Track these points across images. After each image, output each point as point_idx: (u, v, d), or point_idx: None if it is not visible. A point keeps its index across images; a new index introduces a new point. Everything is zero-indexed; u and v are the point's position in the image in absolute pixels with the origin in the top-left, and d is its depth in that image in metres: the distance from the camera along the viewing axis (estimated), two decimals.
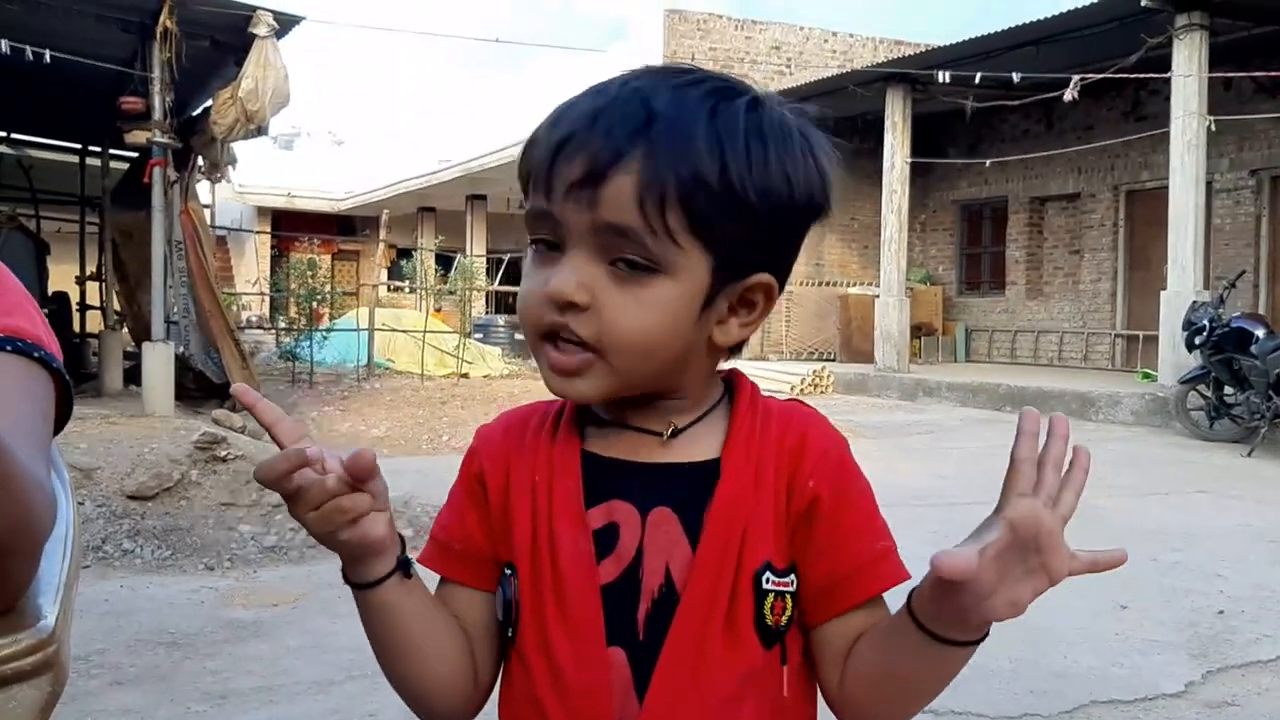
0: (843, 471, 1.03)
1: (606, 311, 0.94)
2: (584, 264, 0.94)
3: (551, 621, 0.99)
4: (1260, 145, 15.10)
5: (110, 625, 4.28)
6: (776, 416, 1.05)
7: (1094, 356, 17.71)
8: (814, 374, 15.62)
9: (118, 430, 7.41)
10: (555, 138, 0.95)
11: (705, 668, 0.97)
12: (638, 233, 0.92)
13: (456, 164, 26.90)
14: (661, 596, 0.99)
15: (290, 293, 15.85)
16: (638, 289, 0.94)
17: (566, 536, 1.00)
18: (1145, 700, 3.66)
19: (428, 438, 10.18)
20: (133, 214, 11.37)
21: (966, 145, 19.15)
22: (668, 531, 1.00)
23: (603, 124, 0.93)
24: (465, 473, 1.09)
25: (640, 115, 0.93)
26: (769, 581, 0.99)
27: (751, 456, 1.01)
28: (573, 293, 0.93)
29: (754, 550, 0.99)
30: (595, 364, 0.95)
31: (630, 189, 0.91)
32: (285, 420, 0.94)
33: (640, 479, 1.02)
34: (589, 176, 0.92)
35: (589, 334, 0.94)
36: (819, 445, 1.03)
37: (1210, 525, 6.58)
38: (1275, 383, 9.46)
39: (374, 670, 1.08)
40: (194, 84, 10.64)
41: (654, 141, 0.91)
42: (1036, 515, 0.82)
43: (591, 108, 0.95)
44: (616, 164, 0.91)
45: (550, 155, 0.94)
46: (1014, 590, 0.83)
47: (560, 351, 0.96)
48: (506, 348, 19.19)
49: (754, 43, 20.83)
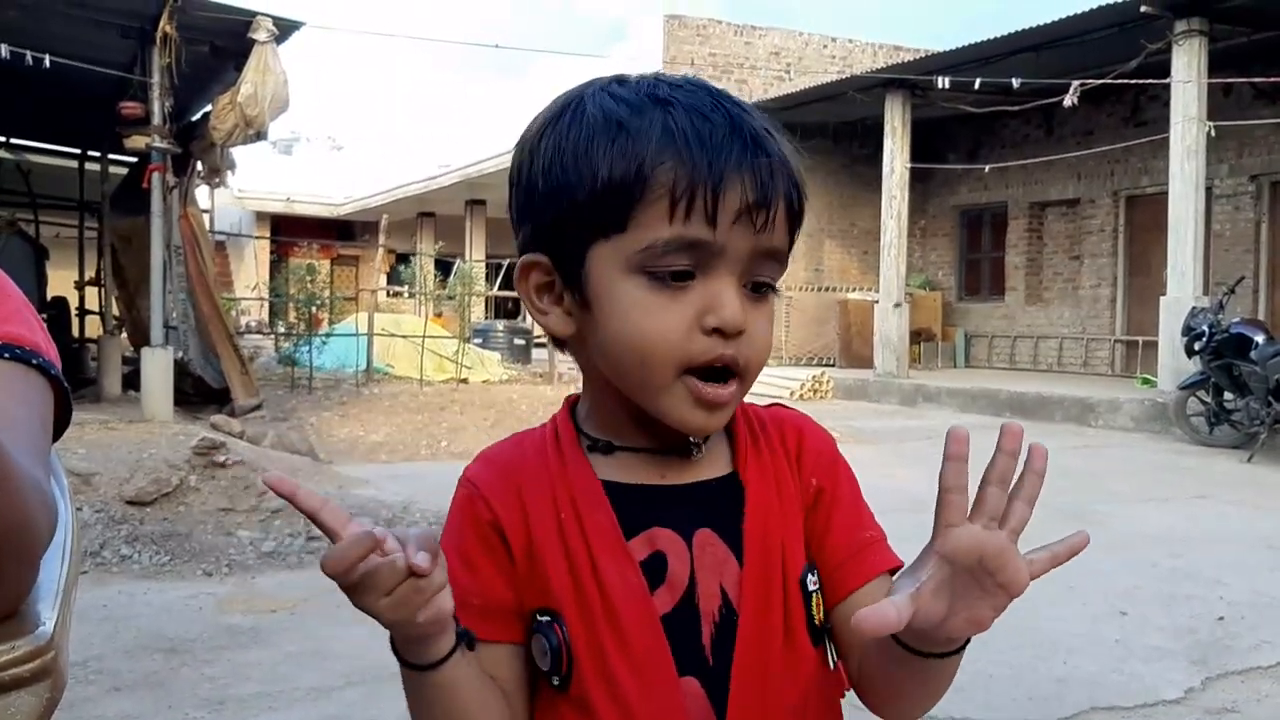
0: (836, 466, 1.07)
1: (753, 335, 0.95)
2: (736, 290, 0.93)
3: (615, 662, 0.96)
4: (1260, 151, 15.11)
5: (108, 631, 4.27)
6: (770, 422, 1.07)
7: (1094, 362, 17.71)
8: (813, 379, 15.62)
9: (116, 436, 7.41)
10: (712, 169, 0.91)
11: (774, 680, 0.98)
12: (785, 257, 0.96)
13: (456, 169, 26.93)
14: (723, 618, 0.98)
15: (289, 298, 15.87)
16: (765, 307, 0.96)
17: (613, 572, 0.97)
18: (1145, 706, 3.65)
19: (427, 443, 10.17)
20: (132, 219, 11.37)
21: (966, 150, 19.17)
22: (714, 552, 0.99)
23: (760, 150, 0.93)
24: (471, 521, 1.01)
25: (776, 147, 0.95)
26: (811, 583, 1.01)
27: (766, 466, 1.03)
28: (744, 321, 0.93)
29: (793, 555, 1.00)
30: (738, 391, 0.96)
31: (784, 215, 0.95)
32: (329, 504, 0.86)
33: (674, 502, 1.00)
34: (763, 200, 0.92)
35: (742, 360, 0.94)
36: (814, 444, 1.07)
37: (1210, 531, 6.57)
38: (1275, 388, 9.45)
39: (373, 677, 1.06)
40: (193, 89, 10.65)
41: (791, 171, 0.95)
42: (975, 542, 0.80)
43: (723, 131, 0.92)
44: (779, 191, 0.93)
45: (713, 180, 0.90)
46: (972, 610, 0.82)
47: (720, 385, 0.94)
48: (505, 353, 19.19)
49: (753, 48, 20.83)
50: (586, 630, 0.96)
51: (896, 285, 16.34)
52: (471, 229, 29.43)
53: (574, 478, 1.00)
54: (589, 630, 0.96)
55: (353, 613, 0.94)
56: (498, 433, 10.58)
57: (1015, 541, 0.81)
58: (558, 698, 0.99)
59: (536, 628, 0.99)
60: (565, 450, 1.02)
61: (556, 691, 0.98)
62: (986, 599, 0.82)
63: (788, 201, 0.94)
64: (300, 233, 29.94)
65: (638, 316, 0.92)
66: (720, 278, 0.92)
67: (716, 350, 0.92)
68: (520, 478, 1.01)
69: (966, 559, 0.80)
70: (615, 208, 0.92)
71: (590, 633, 0.96)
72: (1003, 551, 0.80)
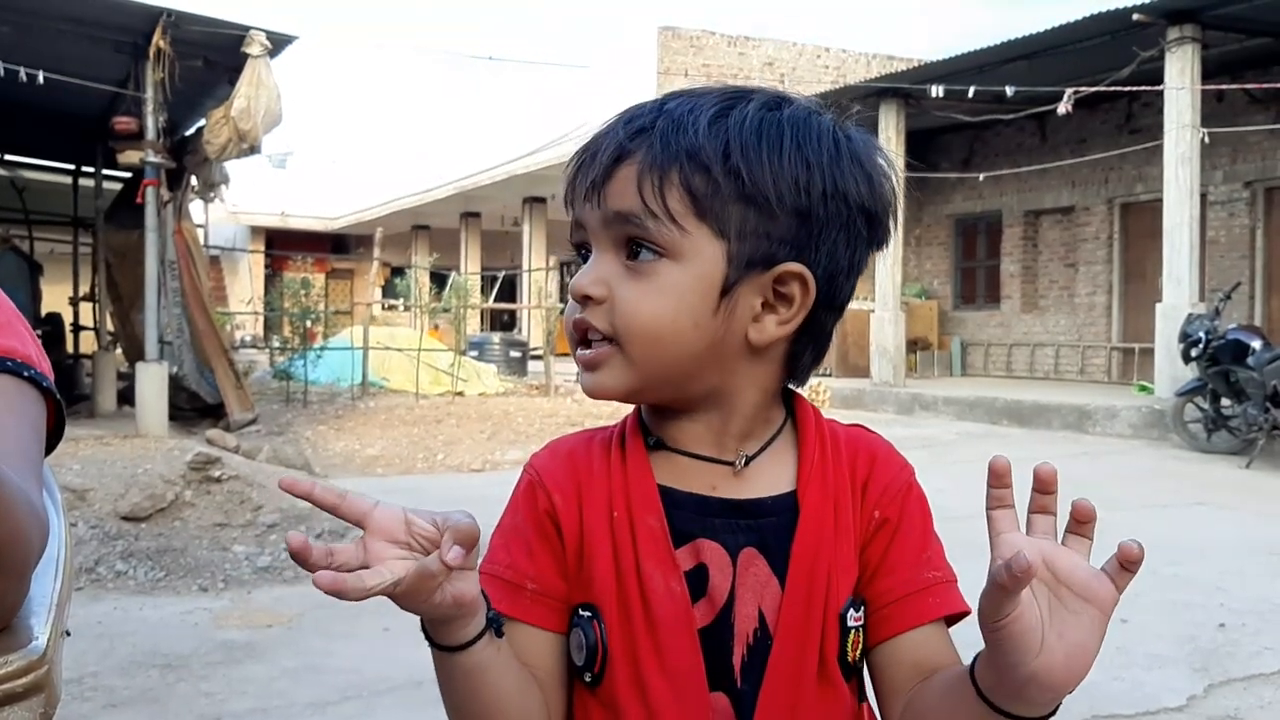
0: (909, 497, 1.03)
1: (619, 302, 0.95)
2: (602, 259, 0.97)
3: (648, 667, 0.96)
4: (1254, 157, 15.14)
5: (104, 647, 4.24)
6: (845, 444, 1.04)
7: (1090, 370, 17.72)
8: (810, 389, 15.58)
9: (111, 451, 7.39)
10: (577, 154, 1.00)
11: (803, 712, 0.96)
12: (639, 216, 0.94)
13: (450, 182, 26.97)
14: (756, 641, 0.97)
15: (284, 312, 15.86)
16: (648, 277, 0.95)
17: (658, 579, 0.97)
18: (1147, 714, 3.64)
19: (423, 456, 10.15)
20: (126, 234, 11.38)
21: (960, 159, 19.20)
22: (756, 573, 0.98)
23: (613, 128, 0.98)
24: (529, 508, 1.02)
25: (650, 115, 0.97)
26: (852, 619, 0.99)
27: (828, 490, 1.00)
28: (587, 286, 0.96)
29: (838, 588, 0.98)
30: (613, 355, 0.96)
31: (632, 176, 0.94)
32: (348, 497, 0.86)
33: (723, 517, 0.99)
34: (598, 174, 0.96)
35: (605, 325, 0.95)
36: (885, 473, 1.03)
37: (1210, 538, 6.56)
38: (1272, 394, 9.45)
39: (370, 691, 1.05)
40: (187, 104, 10.65)
41: (658, 133, 0.95)
42: (1036, 546, 0.79)
43: (612, 121, 0.99)
44: (621, 158, 0.95)
45: (574, 167, 1.00)
46: (1066, 635, 0.78)
47: (583, 346, 0.97)
48: (501, 365, 19.18)
49: (747, 59, 20.91)
50: (624, 631, 0.97)
51: (892, 294, 16.34)
52: (466, 241, 29.45)
53: (632, 478, 1.00)
54: (627, 632, 0.97)
55: (349, 627, 0.93)
56: (494, 445, 10.61)
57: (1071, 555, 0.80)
58: (588, 696, 0.99)
59: (576, 622, 1.00)
60: (629, 448, 1.02)
61: (588, 689, 0.99)
62: (1075, 620, 0.79)
63: (642, 167, 0.94)
64: (294, 247, 29.90)
65: None
66: (594, 253, 0.98)
67: (574, 317, 0.97)
68: (581, 472, 1.02)
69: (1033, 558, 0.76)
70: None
71: (627, 634, 0.97)
72: (1068, 555, 0.79)
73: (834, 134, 0.97)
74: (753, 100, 0.96)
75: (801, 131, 0.95)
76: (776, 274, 0.96)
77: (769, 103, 0.97)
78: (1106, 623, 0.79)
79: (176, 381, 10.47)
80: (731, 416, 1.00)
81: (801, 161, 0.94)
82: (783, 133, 0.94)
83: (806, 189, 0.94)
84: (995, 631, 0.78)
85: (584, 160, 0.99)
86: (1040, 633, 0.78)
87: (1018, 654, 0.78)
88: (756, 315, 0.96)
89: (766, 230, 0.94)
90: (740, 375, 0.99)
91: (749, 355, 0.98)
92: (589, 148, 0.99)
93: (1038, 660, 0.78)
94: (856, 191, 0.97)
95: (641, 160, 0.94)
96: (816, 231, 0.96)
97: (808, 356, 1.02)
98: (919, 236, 20.67)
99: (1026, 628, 0.77)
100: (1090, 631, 0.79)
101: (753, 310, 0.96)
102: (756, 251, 0.95)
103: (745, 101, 0.96)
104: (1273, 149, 14.89)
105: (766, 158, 0.93)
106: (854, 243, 0.99)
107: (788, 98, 0.99)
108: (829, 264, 0.97)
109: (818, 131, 0.96)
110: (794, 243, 0.95)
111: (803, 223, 0.95)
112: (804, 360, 1.02)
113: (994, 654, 0.81)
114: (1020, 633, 0.77)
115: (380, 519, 0.85)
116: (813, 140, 0.96)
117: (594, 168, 0.97)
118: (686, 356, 0.95)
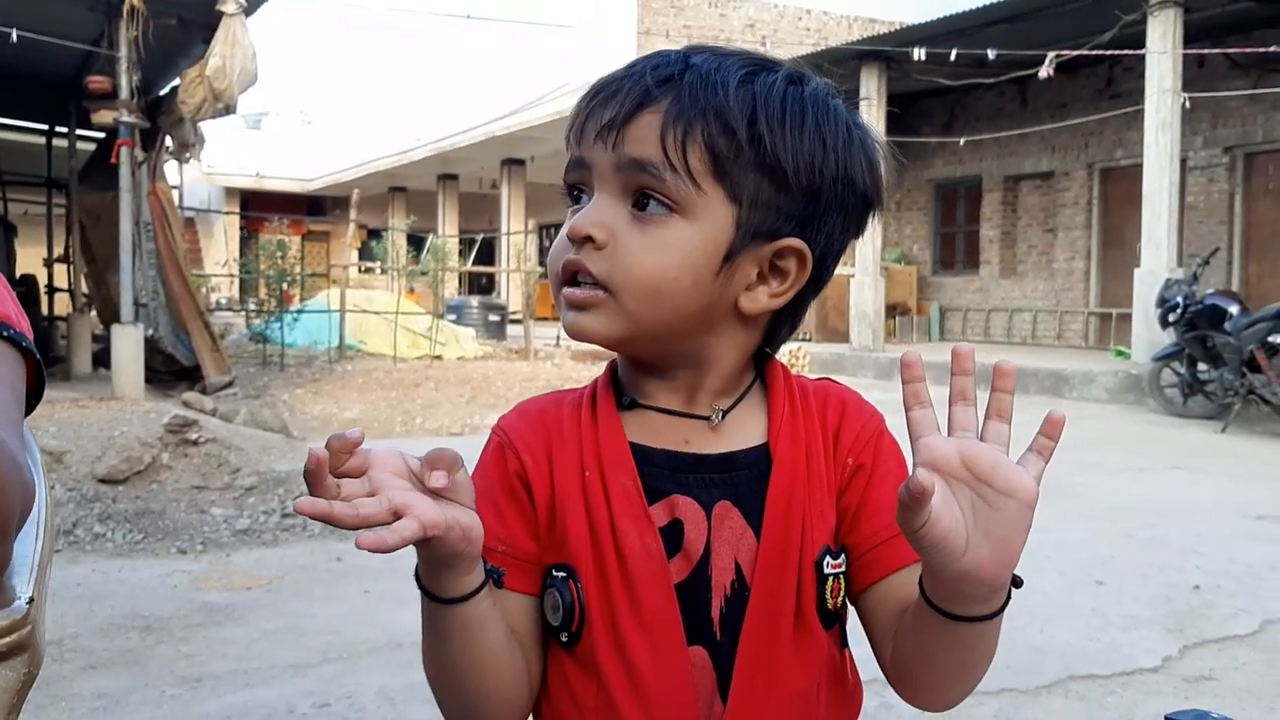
0: (882, 443, 1.05)
1: (620, 250, 0.94)
2: (606, 204, 0.95)
3: (625, 624, 0.96)
4: (1234, 122, 15.17)
5: (83, 609, 4.23)
6: (814, 396, 1.06)
7: (1068, 335, 17.80)
8: (790, 354, 15.61)
9: (87, 413, 7.35)
10: (591, 90, 0.98)
11: (782, 661, 0.97)
12: (657, 167, 0.93)
13: (427, 143, 26.80)
14: (734, 593, 0.98)
15: (260, 274, 15.75)
16: (654, 228, 0.94)
17: (633, 536, 0.97)
18: (1123, 675, 3.67)
19: (401, 420, 10.13)
20: (100, 195, 11.25)
21: (941, 124, 19.18)
22: (731, 526, 0.99)
23: (637, 72, 0.96)
24: (499, 470, 1.02)
25: (677, 66, 0.95)
26: (829, 565, 1.00)
27: (800, 440, 1.01)
28: (589, 227, 0.94)
29: (813, 536, 0.99)
30: (606, 302, 0.95)
31: (655, 125, 0.93)
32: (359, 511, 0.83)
33: (697, 472, 1.00)
34: (617, 116, 0.94)
35: (601, 271, 0.94)
36: (856, 421, 1.05)
37: (1185, 501, 6.62)
38: (1248, 359, 9.52)
39: (350, 653, 1.04)
40: (161, 63, 10.51)
41: (686, 85, 0.94)
42: (954, 447, 0.79)
43: (633, 65, 0.98)
44: (645, 104, 0.94)
45: (585, 103, 0.97)
46: (991, 532, 0.79)
47: (574, 286, 0.96)
48: (480, 329, 19.13)
49: (728, 20, 20.81)
50: (601, 590, 0.97)
51: (872, 259, 16.35)
52: (444, 203, 29.28)
53: (604, 437, 1.00)
54: (603, 590, 0.97)
55: (329, 590, 0.93)
56: (473, 409, 10.60)
57: (991, 451, 0.80)
58: (564, 656, 0.99)
59: (550, 582, 0.99)
60: (600, 407, 1.02)
61: (564, 649, 0.99)
62: (999, 515, 0.79)
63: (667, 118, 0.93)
64: (270, 208, 29.67)
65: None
66: (595, 193, 0.96)
67: (567, 256, 0.96)
68: (552, 432, 1.02)
69: (949, 464, 0.79)
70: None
71: (604, 593, 0.97)
72: (989, 453, 0.79)
73: (847, 120, 1.00)
74: (778, 71, 0.97)
75: (821, 111, 0.97)
76: (778, 248, 0.97)
77: (792, 76, 0.98)
78: (1031, 514, 0.80)
79: (152, 344, 10.40)
80: (709, 375, 1.01)
81: (820, 141, 0.96)
82: (804, 109, 0.96)
83: (820, 169, 0.96)
84: (918, 540, 0.80)
85: (599, 98, 0.96)
86: (964, 532, 0.79)
87: (943, 555, 0.80)
88: (750, 284, 0.98)
89: (777, 203, 0.95)
90: (724, 338, 1.00)
91: (736, 321, 0.99)
92: (607, 86, 0.96)
93: (965, 559, 0.80)
94: (861, 179, 0.99)
95: (667, 110, 0.93)
96: (821, 211, 0.98)
97: (786, 328, 1.05)
98: (899, 201, 20.67)
99: (946, 529, 0.78)
100: (1014, 525, 0.79)
101: (748, 279, 0.97)
102: (764, 223, 0.95)
103: (770, 70, 0.97)
104: (1252, 114, 14.93)
105: (789, 131, 0.94)
106: (848, 227, 1.01)
107: (807, 75, 1.00)
108: (825, 245, 1.00)
109: (834, 115, 0.98)
110: (799, 219, 0.97)
111: (810, 201, 0.97)
112: (783, 331, 1.05)
113: (924, 559, 0.83)
114: (941, 535, 0.78)
115: (381, 454, 0.85)
116: (830, 122, 0.97)
117: (611, 108, 0.94)
118: (680, 315, 0.95)
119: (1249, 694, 3.53)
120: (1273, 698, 3.51)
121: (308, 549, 5.18)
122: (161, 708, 3.32)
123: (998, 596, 0.86)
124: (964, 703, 1.00)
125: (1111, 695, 3.51)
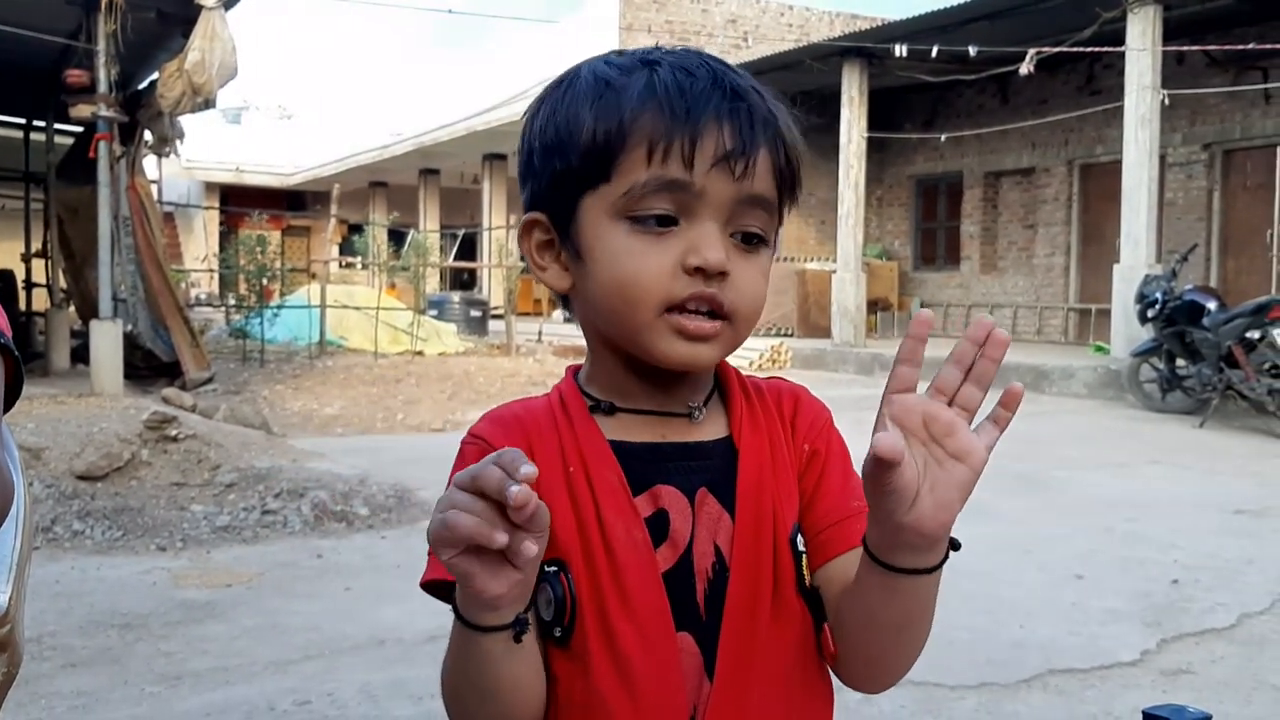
0: (830, 434, 1.10)
1: (738, 281, 0.97)
2: (719, 234, 0.96)
3: (615, 615, 0.97)
4: (1213, 119, 15.25)
5: (62, 607, 4.21)
6: (768, 390, 1.10)
7: (1047, 330, 17.88)
8: (772, 349, 15.65)
9: (66, 410, 7.30)
10: (670, 104, 0.95)
11: (762, 636, 0.99)
12: (771, 206, 0.99)
13: (409, 138, 26.68)
14: (716, 575, 1.00)
15: (239, 269, 15.67)
16: (755, 259, 0.99)
17: (619, 528, 0.98)
18: (1102, 669, 3.69)
19: (382, 416, 10.10)
20: (78, 189, 11.18)
21: (922, 120, 19.22)
22: (710, 511, 1.02)
23: (740, 102, 0.96)
24: None
25: (762, 103, 0.98)
26: (802, 543, 1.03)
27: (760, 429, 1.06)
28: (725, 262, 0.95)
29: (784, 516, 1.03)
30: (723, 330, 0.98)
31: (769, 163, 0.97)
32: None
33: (677, 461, 1.02)
34: (741, 148, 0.95)
35: (728, 302, 0.97)
36: (809, 411, 1.10)
37: (1163, 496, 6.65)
38: (1226, 355, 9.56)
39: (331, 650, 1.03)
40: (140, 57, 10.45)
41: (780, 124, 0.99)
42: (919, 405, 0.84)
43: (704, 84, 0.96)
44: (762, 139, 0.96)
45: (690, 126, 0.94)
46: (937, 490, 0.83)
47: (702, 318, 0.97)
48: (461, 325, 19.08)
49: (710, 16, 20.78)
50: (590, 583, 0.98)
51: (854, 255, 16.37)
52: (425, 199, 29.19)
53: (582, 436, 1.02)
54: (593, 583, 0.98)
55: (309, 587, 0.91)
56: (455, 405, 10.57)
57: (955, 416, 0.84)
58: (557, 653, 0.99)
59: (543, 577, 0.98)
60: (572, 412, 1.04)
61: (556, 645, 0.99)
62: (946, 476, 0.84)
63: (772, 151, 0.97)
64: (250, 203, 29.49)
65: (623, 259, 0.96)
66: (703, 222, 0.96)
67: (697, 287, 0.95)
68: (529, 433, 1.03)
69: (910, 420, 0.83)
70: (600, 159, 0.96)
71: (594, 585, 0.98)
72: (948, 417, 0.84)
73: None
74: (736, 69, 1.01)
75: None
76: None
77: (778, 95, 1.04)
78: (975, 479, 0.84)
79: (131, 340, 10.34)
80: (702, 376, 1.06)
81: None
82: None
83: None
84: (878, 492, 0.84)
85: (702, 122, 0.94)
86: (915, 487, 0.83)
87: (893, 505, 0.84)
88: None
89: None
90: None
91: None
92: (697, 108, 0.95)
93: (910, 513, 0.84)
94: None
95: (775, 150, 0.98)
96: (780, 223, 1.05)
97: None
98: (880, 197, 20.71)
99: (905, 484, 0.83)
100: (958, 489, 0.84)
101: None
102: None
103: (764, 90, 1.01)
104: (1231, 111, 15.01)
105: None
106: None
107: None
108: None
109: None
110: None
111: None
112: None
113: (873, 506, 0.87)
114: (899, 489, 0.83)
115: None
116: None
117: (729, 136, 0.95)
118: None
119: (1226, 687, 3.55)
120: (1249, 691, 3.53)
121: (288, 546, 5.16)
122: (141, 705, 3.31)
123: (935, 552, 0.89)
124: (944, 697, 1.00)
125: (1090, 689, 3.53)
